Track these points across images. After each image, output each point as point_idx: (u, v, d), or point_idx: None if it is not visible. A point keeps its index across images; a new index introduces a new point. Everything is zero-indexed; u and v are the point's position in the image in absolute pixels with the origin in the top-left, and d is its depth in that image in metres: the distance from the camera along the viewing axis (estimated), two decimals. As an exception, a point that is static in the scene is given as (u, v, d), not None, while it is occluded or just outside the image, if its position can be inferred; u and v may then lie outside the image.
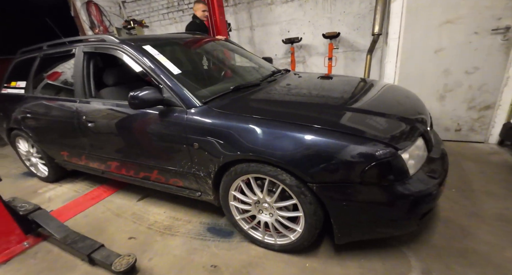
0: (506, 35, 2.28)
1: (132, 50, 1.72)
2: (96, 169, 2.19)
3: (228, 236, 1.74)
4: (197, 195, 1.72)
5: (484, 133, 2.60)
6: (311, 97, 1.74)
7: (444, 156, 1.53)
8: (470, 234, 1.51)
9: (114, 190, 2.44)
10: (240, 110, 1.48)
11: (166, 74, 1.61)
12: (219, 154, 1.42)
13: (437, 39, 2.50)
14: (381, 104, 1.58)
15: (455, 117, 2.66)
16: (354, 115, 1.42)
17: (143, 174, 1.89)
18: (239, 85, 1.77)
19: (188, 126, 1.49)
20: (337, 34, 3.47)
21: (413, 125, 1.39)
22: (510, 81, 2.35)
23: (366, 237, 1.39)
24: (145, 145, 1.73)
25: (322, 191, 1.25)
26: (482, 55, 2.39)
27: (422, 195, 1.22)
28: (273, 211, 1.48)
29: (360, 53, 3.68)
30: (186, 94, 1.55)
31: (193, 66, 2.21)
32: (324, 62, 3.86)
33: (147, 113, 1.65)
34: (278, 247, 1.55)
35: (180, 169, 1.64)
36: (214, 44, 2.48)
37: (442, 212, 1.71)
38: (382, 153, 1.16)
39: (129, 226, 1.95)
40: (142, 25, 5.08)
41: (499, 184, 1.95)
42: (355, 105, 1.55)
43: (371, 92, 1.78)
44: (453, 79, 2.55)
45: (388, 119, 1.39)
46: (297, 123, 1.31)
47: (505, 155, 2.34)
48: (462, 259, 1.36)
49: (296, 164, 1.24)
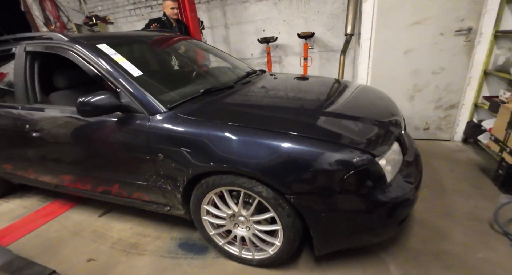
0: (468, 36, 2.38)
1: (84, 50, 1.50)
2: (47, 183, 1.93)
3: (202, 252, 1.61)
4: (166, 209, 1.56)
5: (450, 132, 2.72)
6: (286, 101, 1.65)
7: (417, 157, 1.53)
8: (444, 235, 1.53)
9: (71, 205, 2.18)
10: (211, 116, 1.34)
11: (124, 77, 1.42)
12: (187, 165, 1.28)
13: (406, 40, 2.54)
14: (356, 107, 1.54)
15: (423, 116, 2.75)
16: (329, 120, 1.35)
17: (102, 188, 1.68)
18: (210, 88, 1.64)
19: (151, 135, 1.33)
20: (312, 34, 3.44)
21: (388, 129, 1.36)
22: (473, 81, 2.46)
23: (346, 246, 1.34)
24: (102, 156, 1.53)
25: (300, 203, 1.17)
26: (447, 56, 2.48)
27: (400, 201, 1.19)
28: (250, 224, 1.38)
29: (334, 54, 3.69)
30: (148, 99, 1.38)
31: (159, 67, 2.03)
32: (300, 62, 3.83)
33: (104, 121, 1.45)
34: (257, 262, 1.46)
35: (144, 183, 1.47)
36: (185, 43, 2.30)
37: (417, 213, 1.72)
38: (359, 160, 1.11)
39: (89, 246, 1.73)
40: (106, 21, 4.68)
41: (466, 181, 2.02)
42: (330, 109, 1.49)
43: (345, 94, 1.74)
44: (421, 80, 2.62)
45: (363, 124, 1.35)
46: (272, 131, 1.21)
47: (469, 152, 2.46)
48: (438, 262, 1.37)
49: (273, 175, 1.15)
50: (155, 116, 1.35)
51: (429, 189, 1.96)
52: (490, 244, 1.44)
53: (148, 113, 1.36)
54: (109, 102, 1.32)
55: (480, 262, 1.34)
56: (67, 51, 1.54)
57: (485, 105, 2.40)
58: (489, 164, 2.20)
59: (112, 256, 1.63)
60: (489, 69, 2.37)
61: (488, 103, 2.33)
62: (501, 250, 1.40)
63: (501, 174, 1.88)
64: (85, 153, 1.60)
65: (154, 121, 1.33)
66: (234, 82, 1.85)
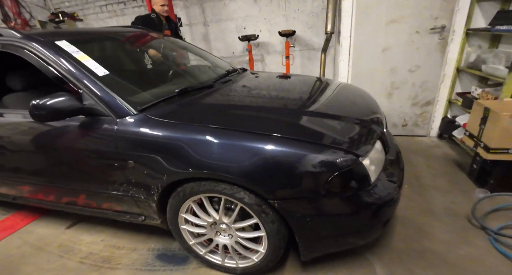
0: (442, 35, 2.44)
1: (40, 47, 1.33)
2: (3, 194, 1.73)
3: (183, 262, 1.51)
4: (140, 219, 1.44)
5: (426, 128, 2.79)
6: (268, 100, 1.58)
7: (399, 154, 1.52)
8: (426, 233, 1.54)
9: (35, 217, 1.98)
10: (186, 118, 1.24)
11: (87, 77, 1.28)
12: (161, 172, 1.17)
13: (384, 38, 2.56)
14: (337, 106, 1.50)
15: (401, 113, 2.80)
16: (311, 119, 1.30)
17: (67, 199, 1.53)
18: (186, 87, 1.53)
19: (119, 140, 1.20)
20: (293, 32, 3.40)
21: (370, 127, 1.33)
22: (447, 79, 2.54)
23: (332, 250, 1.30)
24: (65, 165, 1.38)
25: (284, 208, 1.11)
26: (422, 54, 2.53)
27: (384, 201, 1.16)
28: (232, 232, 1.30)
29: (315, 52, 3.68)
30: (115, 100, 1.25)
31: (131, 66, 1.88)
32: (282, 60, 3.78)
33: (65, 126, 1.30)
34: (241, 271, 1.38)
35: (114, 192, 1.34)
36: (161, 41, 2.16)
37: (399, 211, 1.73)
38: (343, 161, 1.06)
39: (54, 262, 1.57)
40: (73, 18, 4.37)
41: (443, 177, 2.07)
42: (312, 108, 1.44)
43: (327, 92, 1.70)
44: (399, 77, 2.66)
45: (345, 123, 1.31)
46: (253, 133, 1.13)
47: (445, 148, 2.53)
48: (422, 261, 1.37)
49: (255, 180, 1.08)
50: (123, 120, 1.22)
51: (410, 186, 1.98)
52: (469, 240, 1.47)
53: (115, 116, 1.23)
54: (68, 105, 1.17)
55: (462, 258, 1.36)
56: (20, 49, 1.35)
57: (458, 101, 2.48)
58: (464, 159, 2.27)
59: (82, 272, 1.48)
60: (462, 66, 2.45)
61: (461, 99, 2.41)
62: (480, 246, 1.43)
63: (475, 169, 1.94)
64: (45, 161, 1.43)
65: (122, 125, 1.21)
66: (213, 81, 1.75)
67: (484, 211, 1.64)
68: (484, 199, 1.70)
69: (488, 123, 1.74)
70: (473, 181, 1.96)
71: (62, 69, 1.29)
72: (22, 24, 4.58)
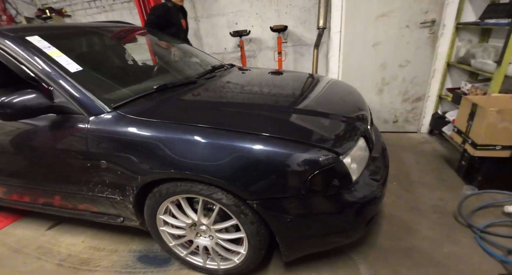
0: (432, 29, 2.40)
1: (9, 43, 1.26)
2: (-22, 196, 1.67)
3: (164, 264, 1.47)
4: (119, 221, 1.40)
5: (417, 124, 2.77)
6: (251, 97, 1.53)
7: (384, 152, 1.49)
8: (412, 231, 1.52)
9: (14, 218, 1.93)
10: (163, 115, 1.19)
11: (58, 73, 1.21)
12: (135, 172, 1.12)
13: (374, 32, 2.52)
14: (324, 103, 1.46)
15: (392, 109, 2.77)
16: (291, 116, 1.25)
17: (43, 200, 1.47)
18: (166, 83, 1.47)
19: (90, 139, 1.15)
20: (285, 28, 3.34)
21: (354, 125, 1.29)
22: (437, 74, 2.51)
23: (314, 250, 1.27)
24: (37, 165, 1.33)
25: (263, 208, 1.07)
26: (413, 48, 2.49)
27: (367, 200, 1.13)
28: (213, 233, 1.26)
29: (308, 48, 3.62)
30: (86, 97, 1.19)
31: (109, 62, 1.81)
32: (274, 56, 3.72)
33: (36, 125, 1.24)
34: (222, 272, 1.35)
35: (88, 193, 1.29)
36: (146, 36, 2.09)
37: (385, 208, 1.71)
38: (323, 160, 1.02)
39: (32, 265, 1.52)
40: (61, 14, 4.26)
41: (432, 173, 2.05)
42: (298, 105, 1.38)
43: (316, 89, 1.65)
44: (389, 73, 2.63)
45: (330, 120, 1.26)
46: (231, 131, 1.08)
47: (434, 144, 2.52)
48: (407, 260, 1.34)
49: (232, 180, 1.03)
50: (95, 118, 1.17)
51: (398, 183, 1.96)
52: (455, 238, 1.45)
53: (87, 114, 1.17)
54: (37, 103, 1.11)
55: (446, 257, 1.34)
56: None
57: (448, 97, 2.46)
58: (453, 155, 2.25)
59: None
60: (452, 61, 2.42)
61: (451, 95, 2.38)
62: (466, 244, 1.41)
63: (464, 165, 1.92)
64: (17, 161, 1.38)
65: (94, 123, 1.16)
66: (197, 77, 1.70)
67: (471, 209, 1.62)
68: (471, 196, 1.68)
69: (476, 119, 1.71)
70: (462, 177, 1.95)
71: (31, 66, 1.22)
72: (8, 20, 4.47)
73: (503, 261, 1.29)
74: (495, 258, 1.32)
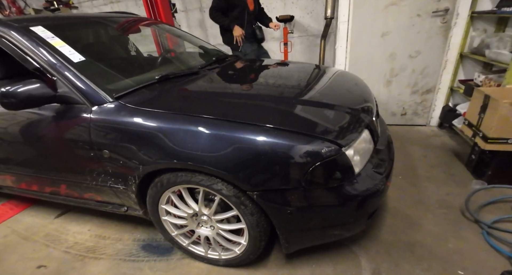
0: (445, 18, 2.30)
1: (13, 33, 1.27)
2: (-10, 184, 1.72)
3: (167, 252, 1.50)
4: (123, 210, 1.42)
5: (426, 117, 2.69)
6: (255, 88, 1.50)
7: (390, 144, 1.45)
8: (416, 225, 1.50)
9: (24, 206, 1.99)
10: (165, 105, 1.18)
11: (61, 63, 1.22)
12: (137, 162, 1.13)
13: (383, 22, 2.43)
14: (329, 94, 1.42)
15: (400, 102, 2.69)
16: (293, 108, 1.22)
17: (50, 189, 1.51)
18: (168, 73, 1.46)
19: (93, 129, 1.16)
20: (291, 18, 3.26)
21: (358, 117, 1.26)
22: (449, 65, 2.41)
23: (315, 243, 1.27)
24: (43, 154, 1.35)
25: (262, 199, 1.06)
26: (423, 38, 2.40)
27: (369, 193, 1.11)
28: (214, 223, 1.27)
29: (314, 38, 3.53)
30: (89, 87, 1.19)
31: (113, 52, 1.81)
32: (280, 47, 3.66)
33: (41, 114, 1.26)
34: (224, 262, 1.36)
35: (92, 182, 1.31)
36: (154, 27, 2.08)
37: (390, 202, 1.68)
38: (324, 151, 1.00)
39: (40, 252, 1.57)
40: (69, 6, 4.30)
41: (439, 167, 2.00)
42: (302, 97, 1.35)
43: (322, 80, 1.61)
44: (398, 64, 2.55)
45: (334, 112, 1.23)
46: (232, 121, 1.07)
47: (444, 137, 2.45)
48: (409, 255, 1.32)
49: (232, 171, 1.03)
50: (98, 107, 1.17)
51: (403, 177, 1.92)
52: (460, 233, 1.42)
53: (89, 104, 1.18)
54: (40, 92, 1.13)
55: (450, 252, 1.31)
56: None
57: (460, 89, 2.37)
58: (462, 149, 2.19)
59: (65, 262, 1.48)
60: (465, 52, 2.32)
61: (463, 87, 2.29)
62: (471, 239, 1.38)
63: (473, 159, 1.87)
64: (24, 151, 1.40)
65: (97, 113, 1.16)
66: (199, 68, 1.68)
67: (479, 204, 1.57)
68: (480, 191, 1.64)
69: (488, 112, 1.65)
70: (471, 172, 1.89)
71: (35, 55, 1.23)
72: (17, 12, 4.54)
73: (510, 257, 1.25)
74: (502, 254, 1.28)
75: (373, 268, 1.28)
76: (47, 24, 1.42)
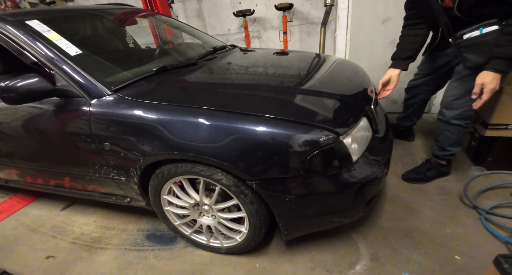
0: (448, 3, 2.24)
1: (9, 27, 1.26)
2: (-4, 178, 1.76)
3: (171, 242, 1.54)
4: (126, 201, 1.45)
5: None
6: (250, 78, 1.50)
7: (388, 131, 1.46)
8: (414, 212, 1.52)
9: (31, 199, 2.03)
10: (163, 97, 1.19)
11: (58, 57, 1.22)
12: (138, 154, 1.15)
13: (384, 8, 2.38)
14: (329, 83, 1.41)
15: (401, 89, 2.66)
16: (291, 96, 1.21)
17: (54, 182, 1.54)
18: (165, 65, 1.46)
19: (94, 121, 1.17)
20: (290, 6, 3.19)
21: (356, 105, 1.26)
22: (450, 51, 2.37)
23: (314, 230, 1.29)
24: (45, 148, 1.37)
25: (261, 188, 1.08)
26: (425, 24, 2.35)
27: (367, 180, 1.12)
28: (215, 213, 1.29)
29: (314, 27, 3.47)
30: (87, 80, 1.19)
31: (110, 45, 1.80)
32: (279, 36, 3.61)
33: (41, 108, 1.27)
34: (225, 250, 1.40)
35: (95, 175, 1.33)
36: (151, 18, 2.06)
37: (389, 190, 1.70)
38: (322, 140, 1.01)
39: (48, 243, 1.62)
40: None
41: (440, 155, 2.00)
42: (301, 86, 1.35)
43: (321, 69, 1.60)
44: (399, 51, 2.50)
45: (332, 100, 1.23)
46: (231, 112, 1.08)
47: (445, 125, 2.43)
48: (407, 240, 1.35)
49: (230, 161, 1.04)
50: (97, 100, 1.18)
51: (403, 164, 1.93)
52: (458, 219, 1.44)
53: (88, 97, 1.19)
54: (39, 86, 1.13)
55: (448, 238, 1.33)
56: None
57: (461, 76, 2.34)
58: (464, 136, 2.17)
59: (73, 252, 1.53)
60: (467, 38, 2.27)
61: (465, 73, 2.26)
62: (470, 225, 1.40)
63: (473, 146, 1.87)
64: (27, 145, 1.42)
65: (96, 106, 1.17)
66: (197, 59, 1.67)
67: (478, 190, 1.58)
68: (479, 177, 1.64)
69: (489, 98, 1.63)
70: (471, 158, 1.90)
71: (32, 49, 1.23)
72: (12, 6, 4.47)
73: (507, 242, 1.28)
74: (499, 239, 1.30)
75: (371, 254, 1.31)
76: (43, 17, 1.41)
